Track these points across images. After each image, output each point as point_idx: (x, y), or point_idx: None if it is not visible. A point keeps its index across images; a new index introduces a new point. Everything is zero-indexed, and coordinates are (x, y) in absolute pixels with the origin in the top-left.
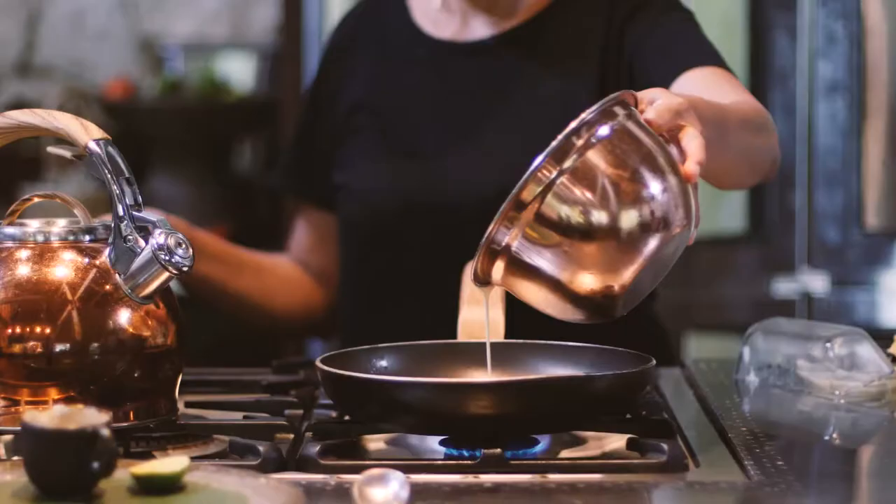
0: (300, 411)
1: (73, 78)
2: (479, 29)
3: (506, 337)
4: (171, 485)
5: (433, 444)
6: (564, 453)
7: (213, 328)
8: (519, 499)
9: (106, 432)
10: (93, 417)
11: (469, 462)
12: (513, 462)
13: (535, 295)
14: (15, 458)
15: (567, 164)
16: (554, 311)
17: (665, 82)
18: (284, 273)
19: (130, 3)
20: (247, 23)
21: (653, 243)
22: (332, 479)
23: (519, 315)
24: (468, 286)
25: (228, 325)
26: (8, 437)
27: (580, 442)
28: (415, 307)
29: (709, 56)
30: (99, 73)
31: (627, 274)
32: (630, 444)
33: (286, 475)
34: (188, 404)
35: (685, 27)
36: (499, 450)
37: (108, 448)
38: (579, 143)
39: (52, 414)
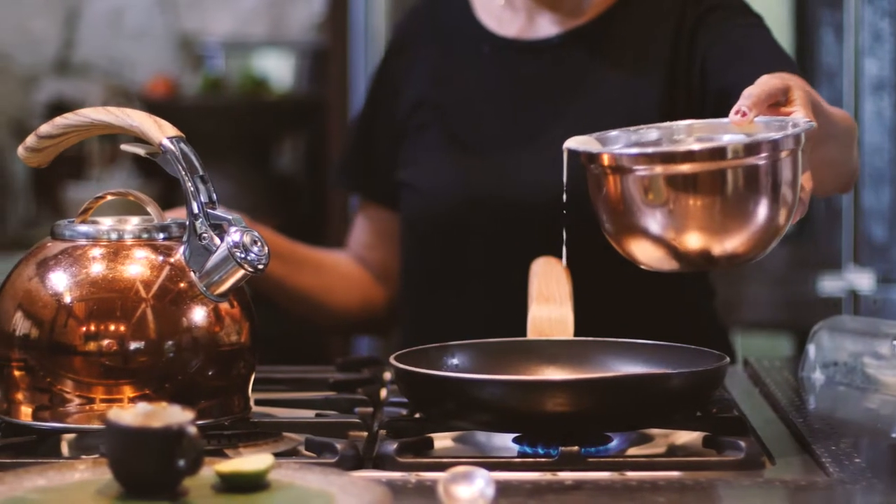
0: (370, 409)
1: (112, 76)
2: (545, 27)
3: (574, 334)
4: (255, 483)
5: (501, 441)
6: (635, 450)
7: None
8: (600, 496)
9: (192, 430)
10: (177, 415)
11: (547, 460)
12: (591, 460)
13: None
14: (95, 455)
15: (738, 158)
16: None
17: (740, 88)
18: (344, 270)
19: (169, 2)
20: (285, 20)
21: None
22: (410, 477)
23: (587, 313)
24: (536, 283)
25: (274, 322)
26: (73, 436)
27: (648, 439)
28: (477, 304)
29: (785, 63)
30: (137, 72)
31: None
32: (706, 442)
33: (363, 473)
34: (256, 402)
35: (759, 33)
36: (576, 447)
37: (194, 446)
38: (766, 151)
39: (135, 412)
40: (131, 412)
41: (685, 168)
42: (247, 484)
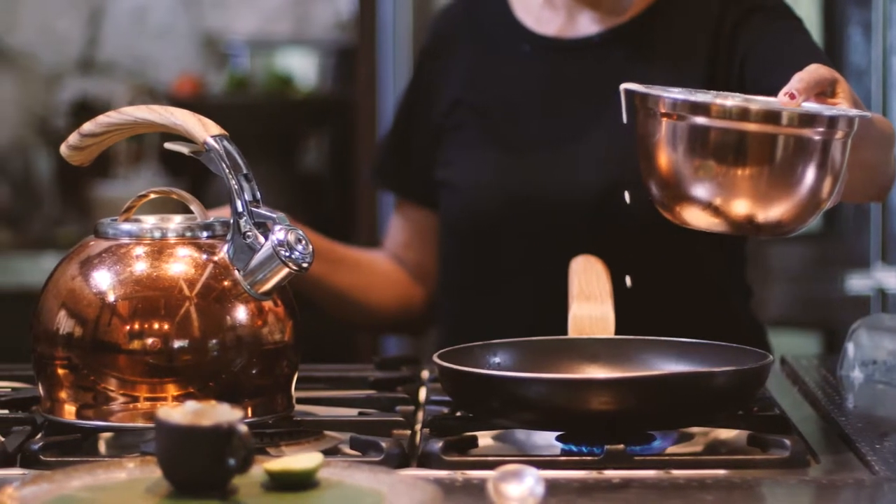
0: (411, 407)
1: (136, 75)
2: (585, 25)
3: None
4: (305, 481)
5: (541, 439)
6: (678, 449)
7: None
8: (648, 494)
9: (243, 428)
10: (226, 413)
11: (593, 458)
12: (637, 458)
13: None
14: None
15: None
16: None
17: (779, 92)
18: (382, 269)
19: (192, 0)
20: (309, 19)
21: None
22: (457, 475)
23: (625, 311)
24: (577, 281)
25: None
26: (111, 434)
27: (688, 437)
28: (516, 302)
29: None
30: (161, 70)
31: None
32: (750, 440)
33: (409, 471)
34: (297, 401)
35: (799, 36)
36: (622, 446)
37: (244, 444)
38: (820, 126)
39: (184, 410)
40: (180, 411)
41: (743, 125)
42: (296, 482)
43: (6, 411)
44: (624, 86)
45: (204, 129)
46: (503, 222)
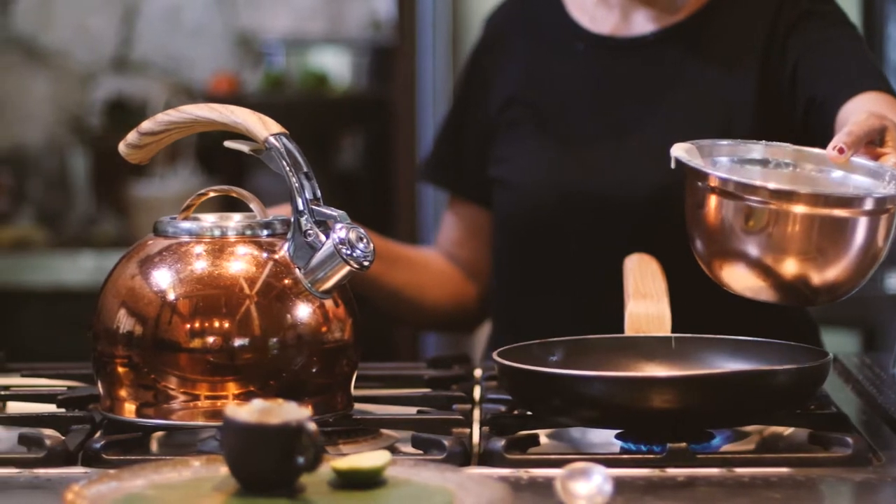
0: (468, 405)
1: (169, 73)
2: (640, 24)
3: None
4: (372, 479)
5: (597, 437)
6: (735, 447)
7: None
8: (715, 492)
9: (311, 426)
10: (294, 412)
11: (655, 456)
12: (699, 456)
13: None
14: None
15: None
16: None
17: (835, 102)
18: (435, 267)
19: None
20: (342, 18)
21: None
22: (521, 474)
23: (678, 309)
24: (632, 280)
25: None
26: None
27: (744, 435)
28: (571, 300)
29: (880, 80)
30: (196, 69)
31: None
32: (812, 438)
33: (472, 469)
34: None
35: (853, 45)
36: (684, 444)
37: (313, 442)
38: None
39: (251, 408)
40: (247, 409)
41: (793, 208)
42: (364, 480)
43: (63, 410)
44: (674, 153)
45: (265, 128)
46: (556, 220)
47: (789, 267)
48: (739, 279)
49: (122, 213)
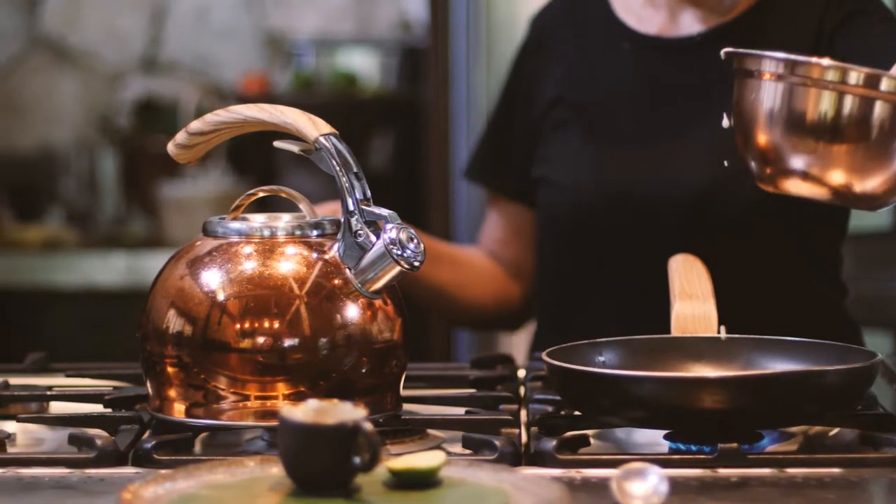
0: (515, 406)
1: (198, 74)
2: (687, 24)
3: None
4: (428, 479)
5: (643, 437)
6: (783, 447)
7: None
8: (768, 493)
9: (368, 427)
10: (349, 412)
11: (707, 457)
12: (750, 456)
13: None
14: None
15: None
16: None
17: None
18: (479, 266)
19: (255, 0)
20: (372, 18)
21: None
22: (573, 474)
23: (727, 311)
24: (678, 280)
25: None
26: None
27: (790, 436)
28: (614, 299)
29: None
30: (224, 69)
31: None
32: (862, 439)
33: (524, 470)
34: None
35: None
36: (735, 444)
37: (370, 442)
38: None
39: (306, 408)
40: (302, 409)
41: (843, 88)
42: (420, 480)
43: (110, 410)
44: (725, 50)
45: (315, 128)
46: (601, 220)
47: (837, 153)
48: (789, 174)
49: (151, 213)
